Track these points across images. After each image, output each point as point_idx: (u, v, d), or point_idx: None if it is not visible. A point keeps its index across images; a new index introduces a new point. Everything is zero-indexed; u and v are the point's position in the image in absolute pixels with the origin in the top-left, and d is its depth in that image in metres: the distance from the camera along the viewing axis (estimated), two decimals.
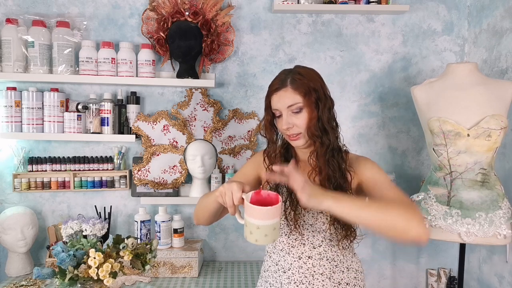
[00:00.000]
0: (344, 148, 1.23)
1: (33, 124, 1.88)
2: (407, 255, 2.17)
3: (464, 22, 2.07)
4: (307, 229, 1.19)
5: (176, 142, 2.00)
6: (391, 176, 2.00)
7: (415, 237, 0.97)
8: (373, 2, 1.96)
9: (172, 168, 2.00)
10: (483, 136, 1.53)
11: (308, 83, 1.15)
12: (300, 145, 1.19)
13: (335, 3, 1.95)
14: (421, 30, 2.07)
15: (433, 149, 1.65)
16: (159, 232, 1.89)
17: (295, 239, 1.20)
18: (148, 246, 1.48)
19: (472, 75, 1.62)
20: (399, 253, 2.16)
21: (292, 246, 1.20)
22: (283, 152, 1.26)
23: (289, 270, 1.20)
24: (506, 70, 1.78)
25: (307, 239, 1.19)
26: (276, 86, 1.17)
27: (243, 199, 0.99)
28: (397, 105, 2.09)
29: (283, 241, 1.22)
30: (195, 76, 1.94)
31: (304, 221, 1.19)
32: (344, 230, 1.18)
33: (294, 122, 1.15)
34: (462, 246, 1.76)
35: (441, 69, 2.06)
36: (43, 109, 1.89)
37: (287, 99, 1.15)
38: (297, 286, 1.18)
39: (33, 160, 1.95)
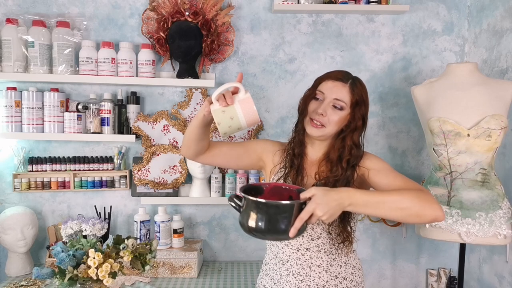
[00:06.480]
0: None
1: (33, 124, 1.88)
2: (407, 255, 2.16)
3: (464, 22, 2.07)
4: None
5: (176, 142, 2.00)
6: None
7: (431, 220, 1.07)
8: (373, 2, 1.96)
9: (172, 168, 2.00)
10: (483, 136, 1.53)
11: (363, 95, 1.22)
12: (316, 135, 1.20)
13: (335, 3, 1.94)
14: (421, 30, 2.06)
15: (433, 149, 1.64)
16: (159, 232, 1.89)
17: None
18: (148, 246, 1.48)
19: (472, 75, 1.62)
20: (399, 253, 2.16)
21: None
22: (302, 139, 1.27)
23: (287, 262, 1.23)
24: (506, 70, 1.78)
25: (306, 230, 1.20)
26: (339, 76, 1.21)
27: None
28: (397, 105, 2.09)
29: None
30: (195, 76, 1.94)
31: None
32: (341, 237, 1.20)
33: (328, 114, 1.17)
34: (462, 246, 1.76)
35: (441, 69, 2.06)
36: (43, 109, 1.89)
37: (341, 93, 1.18)
38: (295, 277, 1.21)
39: (33, 160, 1.95)
